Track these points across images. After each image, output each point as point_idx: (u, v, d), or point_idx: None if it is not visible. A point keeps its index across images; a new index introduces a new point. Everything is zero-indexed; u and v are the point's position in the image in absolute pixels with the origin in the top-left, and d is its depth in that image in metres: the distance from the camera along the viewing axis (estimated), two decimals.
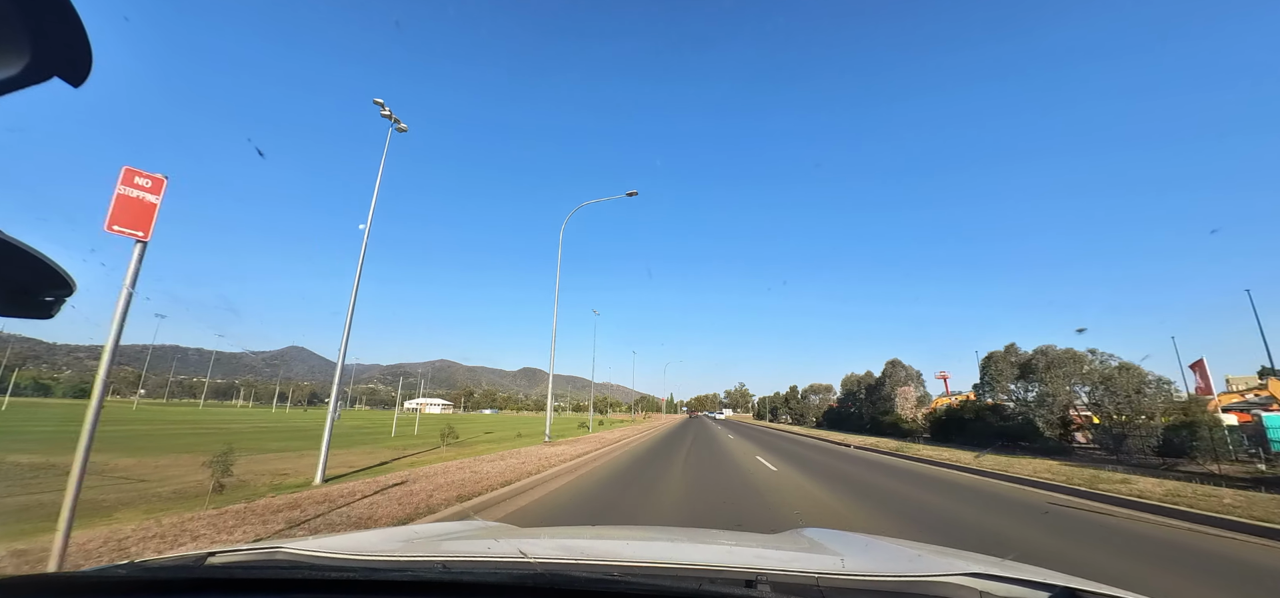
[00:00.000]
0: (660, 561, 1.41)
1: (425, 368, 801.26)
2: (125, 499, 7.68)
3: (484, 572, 1.15)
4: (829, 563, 1.36)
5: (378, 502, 7.30)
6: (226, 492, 8.28)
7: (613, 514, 7.47)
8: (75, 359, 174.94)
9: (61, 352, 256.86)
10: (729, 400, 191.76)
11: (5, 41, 0.56)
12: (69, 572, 1.24)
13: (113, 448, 15.11)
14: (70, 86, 0.63)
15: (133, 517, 6.29)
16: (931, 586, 1.13)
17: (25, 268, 0.72)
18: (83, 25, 0.58)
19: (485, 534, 1.93)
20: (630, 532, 2.36)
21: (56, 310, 0.83)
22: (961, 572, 1.18)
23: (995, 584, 1.12)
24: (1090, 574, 1.34)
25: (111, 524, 5.86)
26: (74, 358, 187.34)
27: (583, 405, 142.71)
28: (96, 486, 8.65)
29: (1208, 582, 4.97)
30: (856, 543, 1.82)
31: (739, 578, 1.19)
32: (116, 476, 10.02)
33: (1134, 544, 6.40)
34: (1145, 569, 5.29)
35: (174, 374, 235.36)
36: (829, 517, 7.64)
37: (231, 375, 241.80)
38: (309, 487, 9.03)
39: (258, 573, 1.15)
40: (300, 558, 1.26)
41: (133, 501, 7.63)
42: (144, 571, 1.13)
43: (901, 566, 1.37)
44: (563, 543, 1.72)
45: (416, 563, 1.25)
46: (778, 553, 1.57)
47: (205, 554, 1.25)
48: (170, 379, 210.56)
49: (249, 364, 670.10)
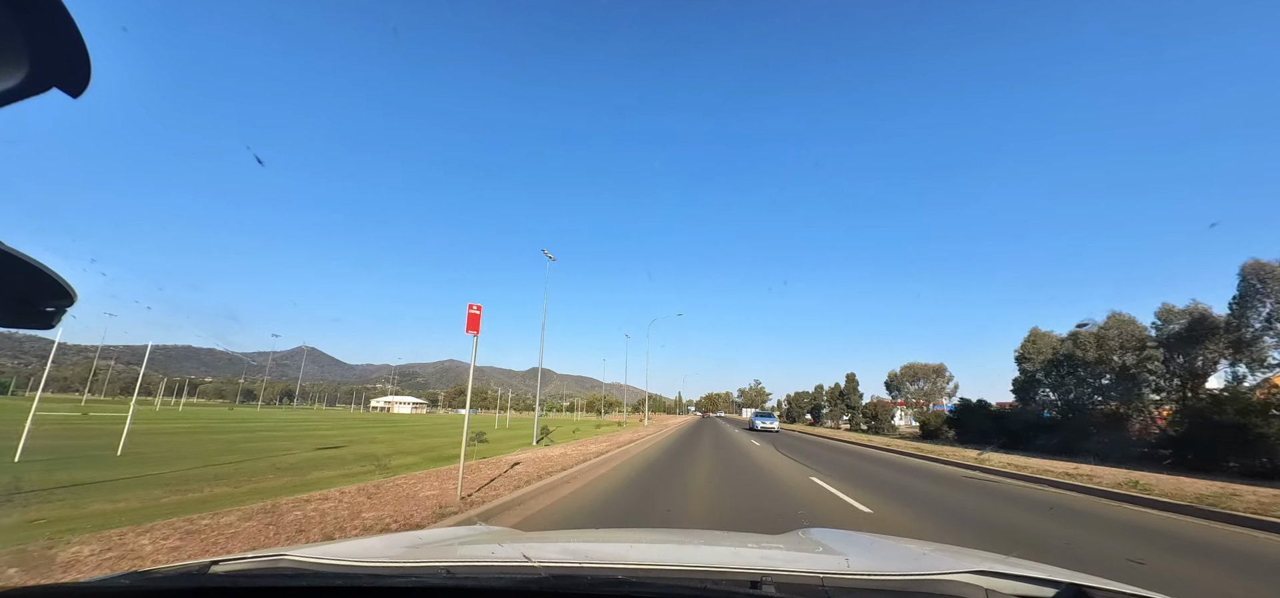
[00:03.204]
0: (665, 563, 1.42)
1: (434, 368, 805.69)
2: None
3: (489, 577, 1.16)
4: (834, 563, 1.38)
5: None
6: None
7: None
8: (85, 359, 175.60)
9: (71, 351, 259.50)
10: (743, 399, 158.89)
11: (4, 53, 0.56)
12: (71, 582, 1.21)
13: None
14: (69, 97, 0.63)
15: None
16: (937, 584, 1.12)
17: (26, 279, 0.71)
18: (81, 36, 0.58)
19: (490, 539, 1.91)
20: (635, 535, 2.37)
21: (58, 320, 0.83)
22: (967, 569, 1.17)
23: (1001, 581, 1.11)
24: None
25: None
26: (84, 358, 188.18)
27: (593, 404, 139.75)
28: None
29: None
30: (861, 542, 1.85)
31: (744, 579, 1.18)
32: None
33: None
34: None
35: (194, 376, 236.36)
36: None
37: (241, 377, 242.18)
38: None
39: (262, 581, 1.15)
40: (304, 566, 1.24)
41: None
42: (147, 580, 1.13)
43: (907, 565, 1.39)
44: (568, 547, 1.71)
45: (421, 569, 1.24)
46: (782, 554, 1.59)
47: (209, 563, 1.24)
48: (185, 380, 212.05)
49: (262, 366, 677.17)
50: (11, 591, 0.99)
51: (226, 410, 71.40)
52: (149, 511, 6.45)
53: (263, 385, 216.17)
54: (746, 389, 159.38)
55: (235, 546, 4.57)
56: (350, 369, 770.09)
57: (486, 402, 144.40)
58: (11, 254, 0.66)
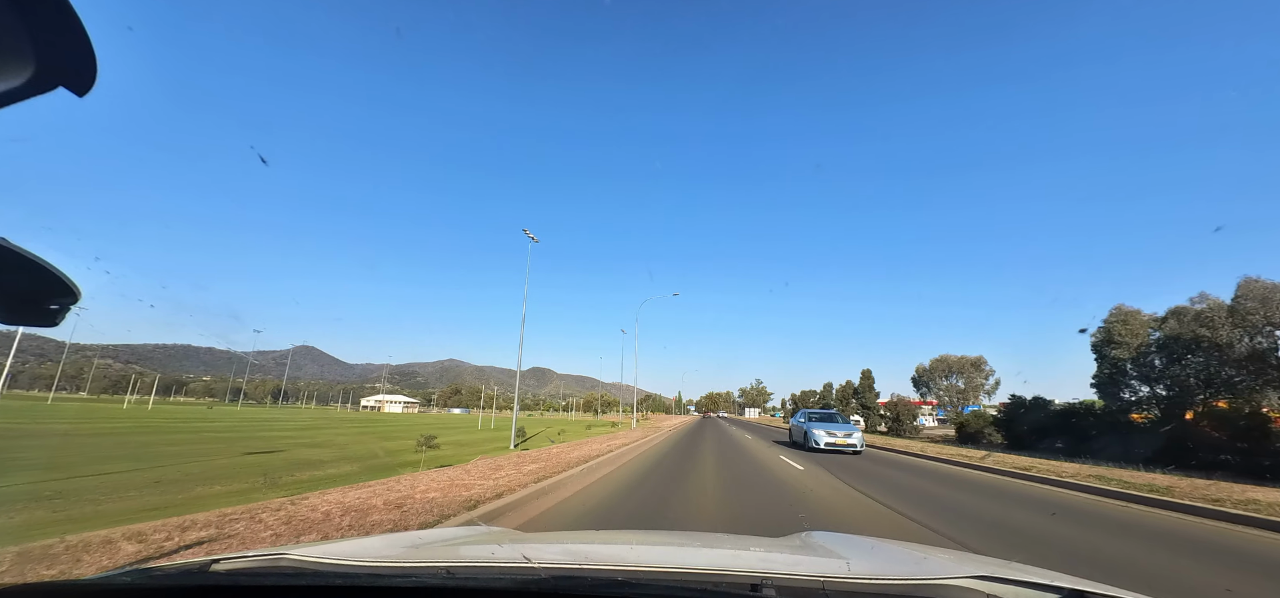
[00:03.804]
0: (665, 565, 1.41)
1: (434, 368, 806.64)
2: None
3: (488, 578, 1.16)
4: (834, 566, 1.37)
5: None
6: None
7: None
8: (83, 357, 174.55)
9: (69, 348, 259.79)
10: (745, 399, 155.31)
11: (10, 52, 0.57)
12: (73, 580, 1.24)
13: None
14: (75, 96, 0.64)
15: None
16: (937, 588, 1.12)
17: (31, 276, 0.72)
18: (87, 35, 0.59)
19: (490, 540, 1.91)
20: (636, 536, 2.35)
21: (62, 318, 0.83)
22: (968, 574, 1.16)
23: (1001, 586, 1.11)
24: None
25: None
26: (83, 357, 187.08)
27: (589, 403, 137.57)
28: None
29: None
30: (862, 546, 1.83)
31: (744, 582, 1.17)
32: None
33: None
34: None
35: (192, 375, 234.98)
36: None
37: (244, 376, 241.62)
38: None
39: (263, 580, 1.15)
40: (305, 565, 1.24)
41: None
42: (148, 578, 1.14)
43: (907, 568, 1.39)
44: (568, 548, 1.71)
45: (420, 569, 1.24)
46: (783, 557, 1.59)
47: (210, 561, 1.24)
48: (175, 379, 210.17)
49: (260, 365, 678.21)
50: (11, 587, 0.99)
51: (204, 409, 69.64)
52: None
53: (255, 385, 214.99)
54: (747, 389, 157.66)
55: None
56: (350, 369, 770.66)
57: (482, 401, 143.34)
58: (16, 252, 0.67)
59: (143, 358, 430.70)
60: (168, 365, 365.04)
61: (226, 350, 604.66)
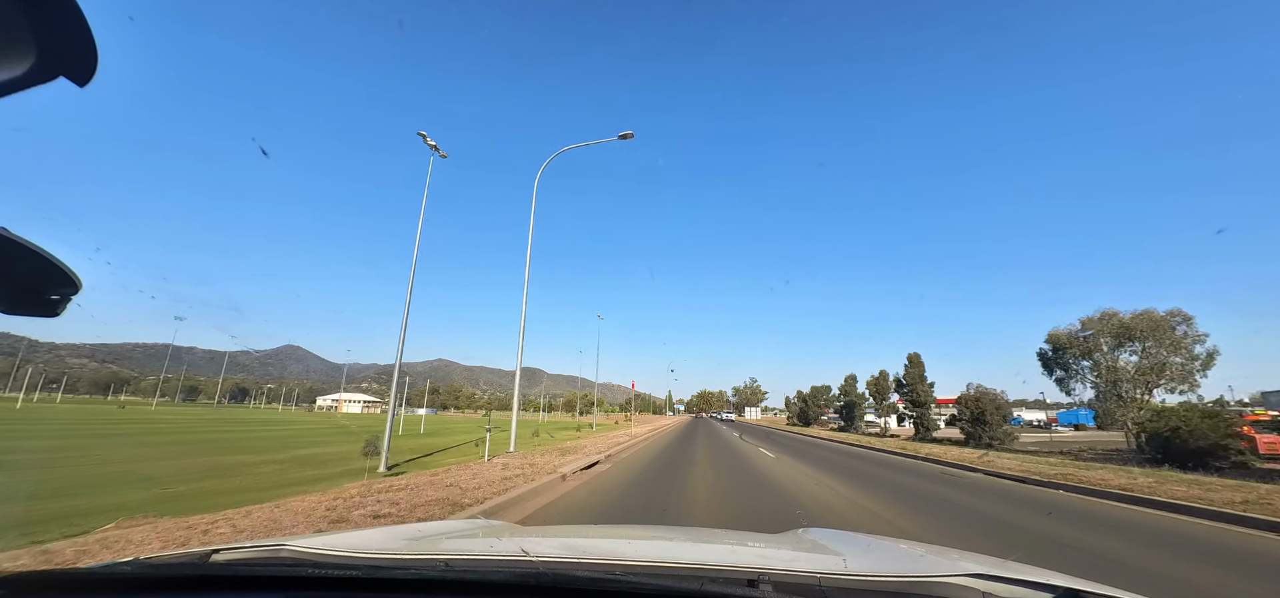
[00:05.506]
0: (663, 560, 1.42)
1: (424, 367, 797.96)
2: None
3: (486, 570, 1.15)
4: (831, 563, 1.36)
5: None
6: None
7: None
8: (56, 357, 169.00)
9: (42, 349, 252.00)
10: (739, 398, 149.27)
11: (11, 41, 0.57)
12: (74, 568, 1.15)
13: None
14: (76, 86, 0.63)
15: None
16: (933, 586, 1.11)
17: (31, 267, 0.71)
18: (88, 25, 0.59)
19: (489, 533, 1.92)
20: (633, 531, 2.38)
21: (62, 309, 0.82)
22: (964, 572, 1.16)
23: (997, 585, 1.10)
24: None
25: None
26: (56, 356, 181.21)
27: (571, 403, 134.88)
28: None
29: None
30: (859, 543, 1.82)
31: (741, 578, 1.17)
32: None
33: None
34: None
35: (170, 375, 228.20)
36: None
37: (228, 375, 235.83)
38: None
39: (262, 570, 1.15)
40: (304, 556, 1.24)
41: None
42: (149, 568, 1.13)
43: (904, 566, 1.37)
44: (566, 542, 1.71)
45: (419, 561, 1.25)
46: (780, 553, 1.58)
47: (210, 552, 1.24)
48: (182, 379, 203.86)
49: (244, 364, 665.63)
50: (14, 575, 0.99)
51: (115, 410, 59.16)
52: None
53: (211, 384, 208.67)
54: (741, 387, 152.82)
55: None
56: (336, 368, 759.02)
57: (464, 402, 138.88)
58: (16, 241, 0.66)
59: (121, 358, 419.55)
60: (144, 366, 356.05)
61: (207, 351, 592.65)
